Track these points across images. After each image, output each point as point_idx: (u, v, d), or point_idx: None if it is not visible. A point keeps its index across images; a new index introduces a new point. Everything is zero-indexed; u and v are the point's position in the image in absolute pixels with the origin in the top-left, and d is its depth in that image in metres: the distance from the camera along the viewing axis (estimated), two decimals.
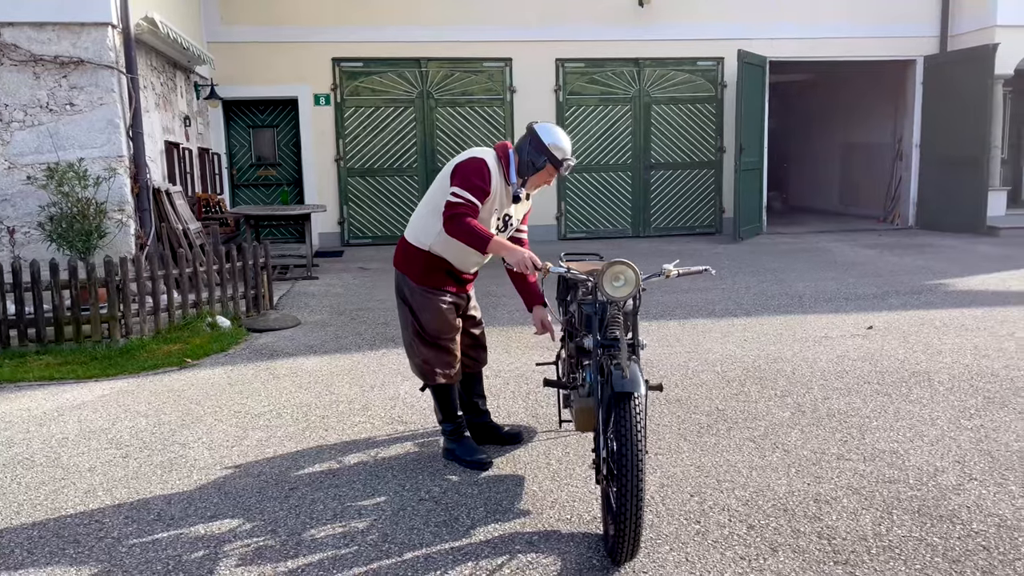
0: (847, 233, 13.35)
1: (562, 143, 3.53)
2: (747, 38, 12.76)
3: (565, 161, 3.53)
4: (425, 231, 3.68)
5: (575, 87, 12.96)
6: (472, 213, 3.43)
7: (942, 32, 13.36)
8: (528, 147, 3.55)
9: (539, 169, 3.54)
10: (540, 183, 3.64)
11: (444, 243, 3.64)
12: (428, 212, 3.68)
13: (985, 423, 4.21)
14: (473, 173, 3.48)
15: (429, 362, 3.73)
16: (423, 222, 3.71)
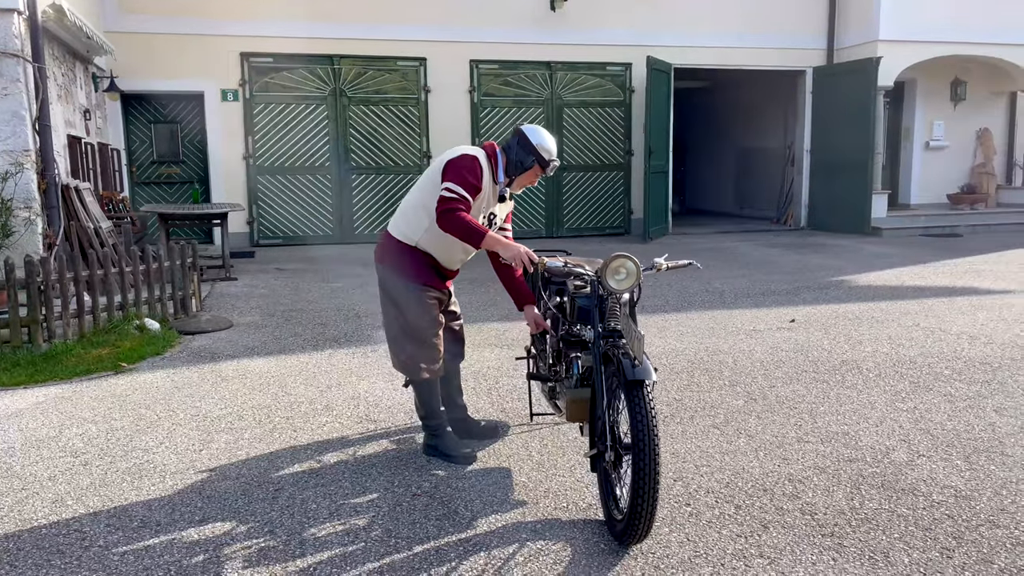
0: (747, 233, 14.04)
1: (548, 144, 3.62)
2: (653, 45, 13.22)
3: (551, 162, 3.63)
4: (412, 227, 3.70)
5: (489, 88, 13.07)
6: (466, 208, 3.46)
7: (829, 45, 14.25)
8: (516, 147, 3.62)
9: (527, 169, 3.61)
10: (525, 183, 3.71)
11: (431, 239, 3.67)
12: (415, 208, 3.69)
13: (917, 406, 4.58)
14: (467, 169, 3.51)
15: (414, 358, 3.74)
16: (409, 218, 3.72)
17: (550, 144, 3.63)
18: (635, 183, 13.73)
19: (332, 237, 12.80)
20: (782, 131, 15.77)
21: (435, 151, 12.90)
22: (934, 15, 13.43)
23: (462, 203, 3.45)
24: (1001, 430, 4.16)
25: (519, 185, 3.71)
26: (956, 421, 4.31)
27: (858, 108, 13.30)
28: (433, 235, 3.64)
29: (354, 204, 12.85)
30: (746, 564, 2.83)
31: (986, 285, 8.62)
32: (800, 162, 14.71)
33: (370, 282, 8.99)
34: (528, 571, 2.81)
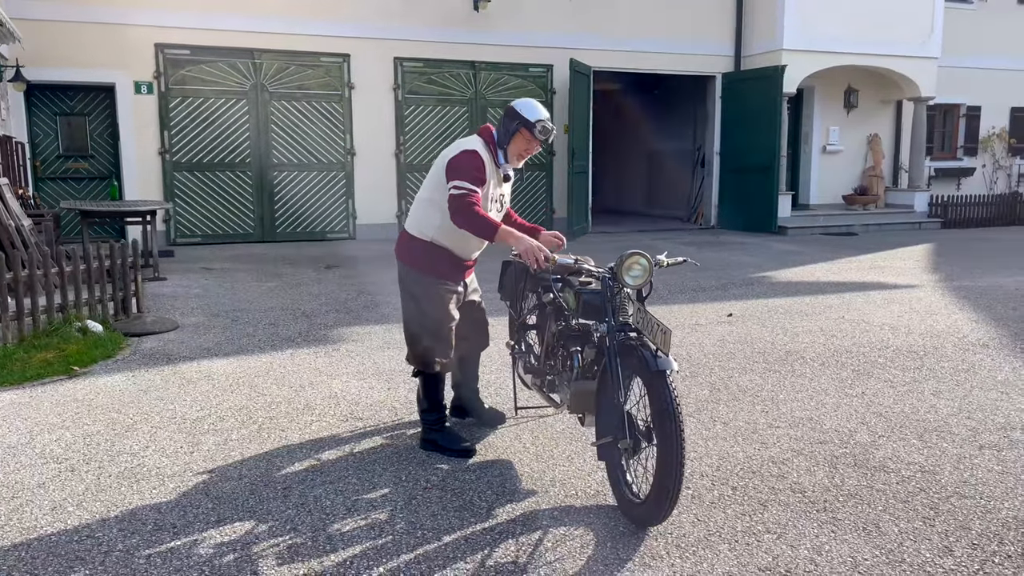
0: (662, 232, 14.58)
1: (534, 107, 3.69)
2: (574, 48, 13.54)
3: (538, 122, 3.65)
4: (424, 223, 3.83)
5: (414, 86, 13.06)
6: (476, 201, 3.58)
7: (737, 52, 14.96)
8: (504, 118, 3.75)
9: (513, 135, 3.70)
10: (520, 150, 3.76)
11: (444, 233, 3.79)
12: (425, 204, 3.82)
13: (864, 391, 4.97)
14: (468, 165, 3.63)
15: (430, 350, 3.85)
16: (420, 214, 3.84)
17: (536, 107, 3.69)
18: (557, 182, 14.02)
19: (253, 236, 12.51)
20: (691, 134, 16.42)
21: (360, 148, 12.81)
22: (832, 28, 14.30)
23: (472, 195, 3.57)
24: (943, 411, 4.58)
25: (515, 156, 3.77)
26: (902, 404, 4.70)
27: (765, 113, 14.02)
28: (446, 229, 3.76)
29: (276, 202, 12.60)
30: (758, 540, 3.06)
31: (892, 280, 9.30)
32: (710, 164, 15.37)
33: (304, 281, 8.90)
34: (559, 555, 2.94)
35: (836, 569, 2.84)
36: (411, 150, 13.17)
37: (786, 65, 13.81)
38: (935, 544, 3.02)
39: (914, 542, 3.04)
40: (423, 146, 13.21)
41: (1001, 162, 17.91)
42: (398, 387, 4.99)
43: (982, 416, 4.49)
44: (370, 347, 6.01)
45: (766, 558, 2.92)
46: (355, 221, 13.01)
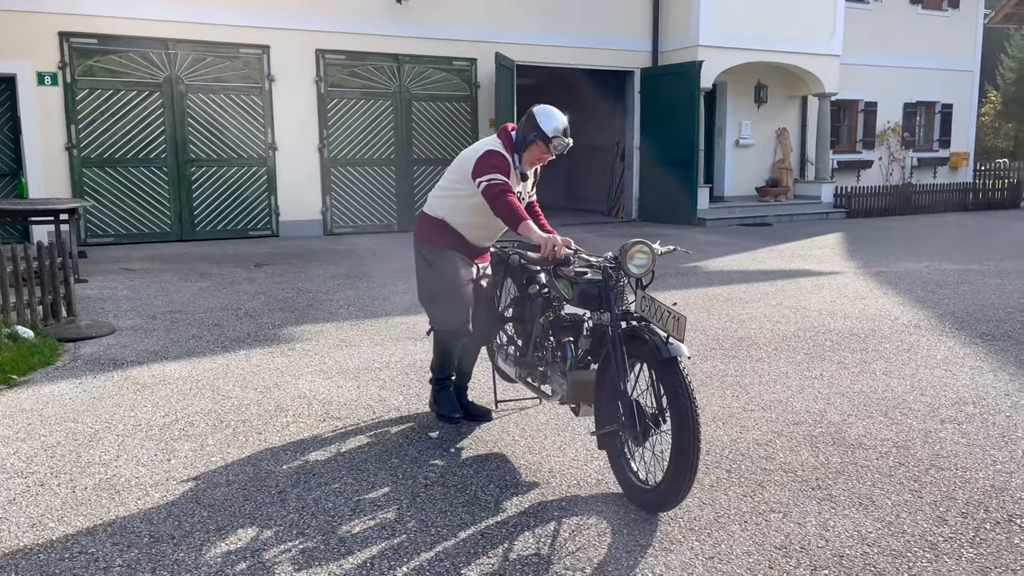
0: (587, 225, 14.77)
1: (553, 122, 3.76)
2: (497, 41, 13.55)
3: (555, 139, 3.74)
4: (439, 209, 4.06)
5: (336, 79, 12.78)
6: (509, 188, 3.73)
7: (654, 48, 15.29)
8: (523, 125, 3.82)
9: (529, 144, 3.77)
10: (533, 159, 3.86)
11: (457, 217, 4.01)
12: (444, 190, 4.06)
13: (822, 373, 5.17)
14: (492, 164, 3.77)
15: (449, 311, 4.00)
16: (438, 199, 4.08)
17: (555, 122, 3.76)
18: None
19: (171, 234, 11.99)
20: (611, 128, 16.69)
21: (282, 143, 12.45)
22: (744, 25, 14.80)
23: (505, 184, 3.73)
24: (898, 389, 4.82)
25: (527, 162, 3.87)
26: (859, 384, 4.92)
27: (683, 108, 14.38)
28: (460, 213, 3.98)
29: (194, 199, 12.11)
30: (765, 519, 3.14)
31: (815, 268, 9.72)
32: (630, 158, 15.66)
33: (237, 280, 8.61)
34: (579, 544, 2.94)
35: (845, 543, 2.95)
36: (335, 144, 12.89)
37: (703, 61, 14.20)
38: (928, 514, 3.18)
39: (909, 513, 3.19)
40: (348, 140, 12.95)
41: (895, 154, 18.96)
42: (367, 385, 4.89)
43: (934, 392, 4.75)
44: (326, 345, 5.85)
45: (778, 536, 3.00)
46: (278, 218, 12.64)
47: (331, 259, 10.32)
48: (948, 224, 15.41)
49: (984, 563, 2.80)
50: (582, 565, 2.80)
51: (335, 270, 9.41)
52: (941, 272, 9.27)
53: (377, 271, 9.33)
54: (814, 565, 2.79)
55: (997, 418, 4.30)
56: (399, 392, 4.75)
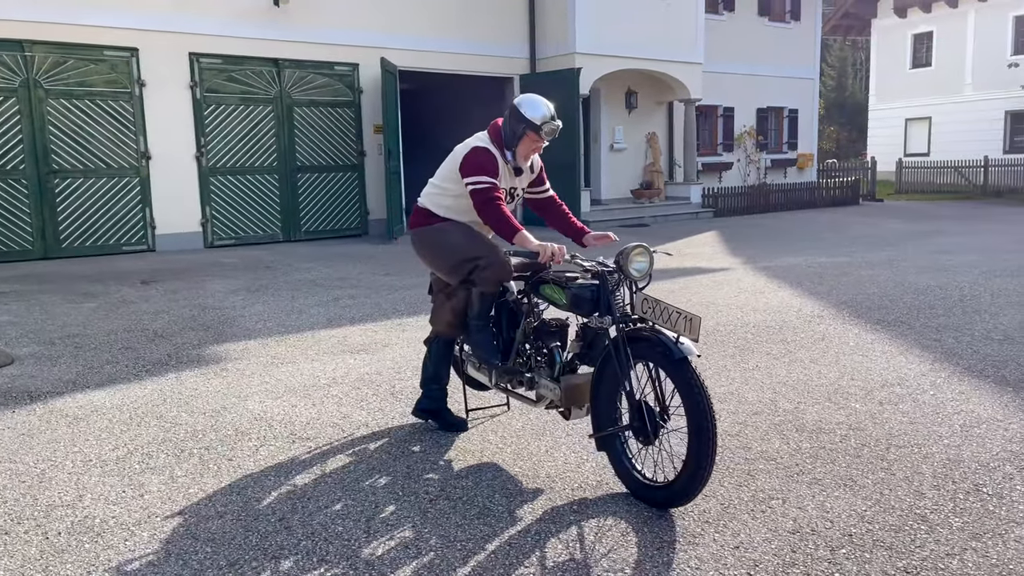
0: None
1: (539, 109, 3.70)
2: (379, 47, 13.38)
3: (544, 124, 3.68)
4: (437, 204, 4.00)
5: (213, 84, 12.20)
6: (498, 193, 3.68)
7: (532, 55, 15.57)
8: (508, 119, 3.75)
9: (520, 137, 3.73)
10: (527, 151, 3.81)
11: (453, 215, 3.93)
12: (437, 190, 3.98)
13: (758, 364, 5.47)
14: (481, 161, 3.70)
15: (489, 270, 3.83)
16: (433, 199, 4.00)
17: (541, 107, 3.70)
18: (370, 184, 13.78)
19: (33, 252, 11.05)
20: None
21: (155, 152, 11.75)
22: (617, 34, 15.35)
23: (493, 189, 3.67)
24: (829, 376, 5.17)
25: (522, 156, 3.82)
26: (794, 373, 5.25)
27: (565, 113, 14.68)
28: (461, 212, 3.91)
29: (59, 213, 11.21)
30: (769, 507, 3.30)
31: (705, 265, 10.22)
32: None
33: (128, 299, 8.07)
34: (609, 546, 2.99)
35: (848, 522, 3.15)
36: (214, 152, 12.29)
37: (581, 68, 14.60)
38: (907, 490, 3.44)
39: (890, 490, 3.44)
40: (227, 148, 12.39)
41: (752, 157, 20.23)
42: (323, 403, 4.72)
43: (861, 377, 5.13)
44: (260, 364, 5.60)
45: (787, 522, 3.16)
46: (154, 231, 11.91)
47: (223, 273, 9.84)
48: (804, 221, 16.60)
49: (973, 530, 3.07)
50: (619, 566, 2.84)
51: (233, 284, 8.99)
52: (818, 265, 9.99)
53: (279, 284, 8.99)
54: (831, 547, 2.96)
55: (924, 397, 4.71)
56: (359, 408, 4.62)
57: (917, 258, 10.51)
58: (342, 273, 9.75)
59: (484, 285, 3.88)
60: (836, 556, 2.89)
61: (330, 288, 8.67)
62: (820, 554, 2.90)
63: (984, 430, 4.14)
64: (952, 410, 4.46)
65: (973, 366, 5.33)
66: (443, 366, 4.23)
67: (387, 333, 6.50)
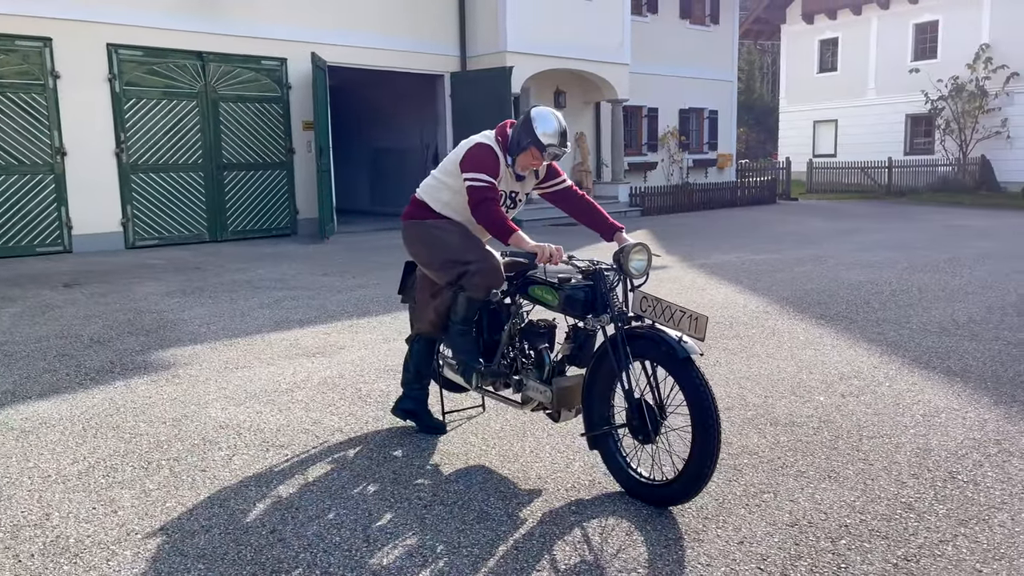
0: None
1: (550, 129, 3.60)
2: (308, 41, 13.06)
3: (549, 147, 3.61)
4: (435, 197, 3.89)
5: (133, 78, 11.66)
6: (495, 194, 3.59)
7: (462, 53, 15.49)
8: (519, 127, 3.67)
9: (523, 150, 3.64)
10: (526, 164, 3.72)
11: (451, 212, 3.84)
12: (438, 183, 3.89)
13: (718, 360, 5.56)
14: (483, 158, 3.65)
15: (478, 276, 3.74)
16: (435, 194, 3.90)
17: (553, 129, 3.60)
18: (299, 182, 13.43)
19: None
20: (418, 131, 16.66)
21: (71, 147, 11.15)
22: (547, 33, 15.43)
23: (491, 189, 3.59)
24: (788, 370, 5.31)
25: (521, 166, 3.73)
26: (755, 368, 5.36)
27: (496, 112, 14.68)
28: (453, 208, 3.83)
29: None
30: (763, 500, 3.35)
31: None
32: None
33: (54, 304, 7.65)
34: (617, 545, 2.97)
35: (841, 513, 3.22)
36: (136, 148, 11.76)
37: (513, 66, 14.60)
38: (888, 479, 3.55)
39: (872, 480, 3.54)
40: (149, 144, 11.87)
41: (675, 156, 20.66)
42: (289, 409, 4.55)
43: (819, 370, 5.29)
44: (213, 369, 5.37)
45: (783, 515, 3.22)
46: (71, 232, 11.31)
47: (151, 275, 9.42)
48: (728, 219, 17.06)
49: (958, 517, 3.19)
50: (632, 566, 2.83)
51: (164, 287, 8.61)
52: (752, 262, 10.27)
53: (214, 286, 8.66)
54: (831, 538, 3.02)
55: (882, 388, 4.88)
56: (329, 413, 4.48)
57: (842, 255, 10.93)
58: (278, 274, 9.47)
59: (473, 291, 3.79)
60: (838, 547, 2.95)
61: (269, 290, 8.41)
62: (822, 546, 2.96)
63: (944, 419, 4.32)
64: (910, 400, 4.64)
65: (919, 358, 5.56)
66: (425, 365, 4.14)
67: (339, 335, 6.34)
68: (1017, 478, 3.54)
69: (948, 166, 24.81)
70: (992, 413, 4.40)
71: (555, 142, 3.61)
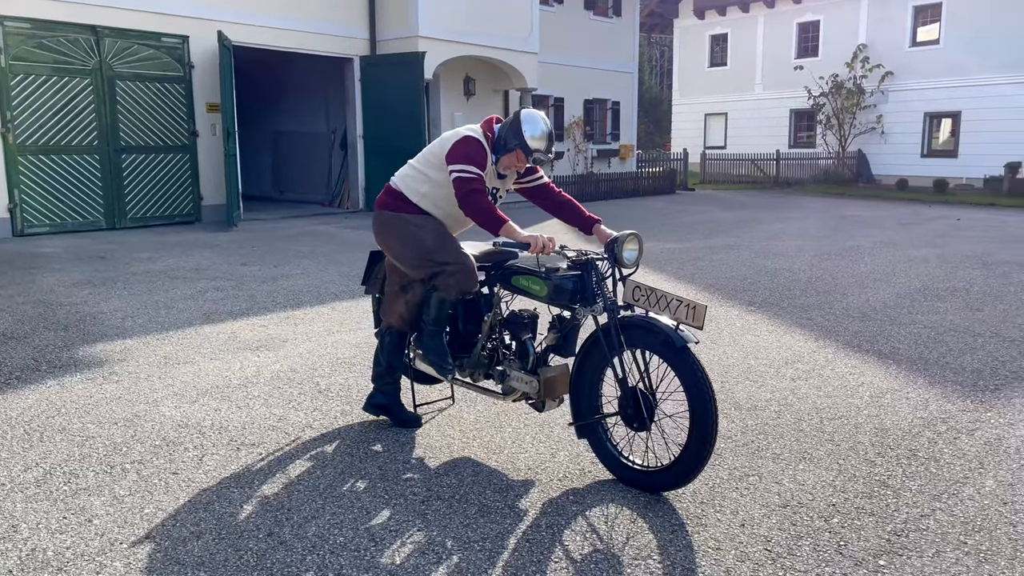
0: (317, 217, 14.26)
1: (538, 133, 3.56)
2: (210, 19, 12.48)
3: (535, 152, 3.59)
4: (413, 186, 3.78)
5: (21, 52, 10.81)
6: (482, 185, 3.51)
7: (372, 36, 15.14)
8: (507, 127, 3.62)
9: (509, 151, 3.59)
10: (509, 165, 3.67)
11: (429, 203, 3.73)
12: (415, 173, 3.79)
13: None
14: (471, 151, 3.55)
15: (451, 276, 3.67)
16: (411, 180, 3.79)
17: (541, 134, 3.57)
18: (204, 166, 12.83)
19: None
20: (324, 116, 16.22)
21: None
22: (457, 20, 15.29)
23: (479, 181, 3.51)
24: (734, 356, 5.49)
25: (504, 166, 3.67)
26: (703, 354, 5.48)
27: (408, 98, 14.48)
28: (430, 200, 3.72)
29: None
30: (749, 483, 3.46)
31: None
32: (354, 147, 15.37)
33: None
34: (626, 533, 2.99)
35: (824, 492, 3.36)
36: (24, 129, 10.92)
37: (425, 52, 14.41)
38: (858, 459, 3.73)
39: (844, 460, 3.72)
40: (39, 124, 11.05)
41: (580, 146, 20.95)
42: (249, 405, 4.36)
43: (763, 355, 5.49)
44: (151, 364, 5.07)
45: (773, 496, 3.33)
46: None
47: (50, 265, 8.80)
48: (634, 208, 17.45)
49: (931, 492, 3.38)
50: (645, 553, 2.86)
51: (70, 277, 8.06)
52: (669, 251, 10.55)
53: (126, 276, 8.17)
54: (823, 516, 3.15)
55: (826, 372, 5.12)
56: (292, 409, 4.31)
57: (751, 243, 11.38)
58: (192, 263, 9.02)
59: (446, 291, 3.73)
60: (832, 526, 3.08)
61: (188, 280, 8.00)
62: (817, 525, 3.08)
63: (890, 400, 4.57)
64: (855, 383, 4.89)
65: (851, 341, 5.86)
66: (397, 359, 4.04)
67: (278, 328, 6.11)
68: (971, 453, 3.79)
69: (829, 159, 26.22)
70: (930, 393, 4.69)
71: (542, 147, 3.60)
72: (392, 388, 4.05)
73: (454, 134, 3.67)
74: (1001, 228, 13.58)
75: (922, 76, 24.35)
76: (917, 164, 24.70)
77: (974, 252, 10.49)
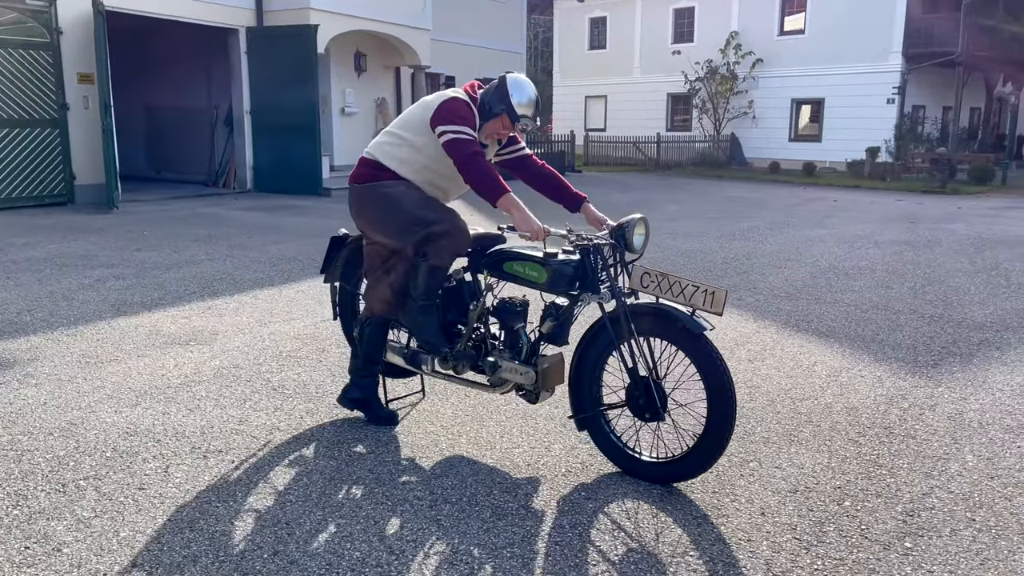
0: (204, 198, 13.43)
1: (525, 99, 3.38)
2: None
3: (523, 118, 3.40)
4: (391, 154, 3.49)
5: None
6: (481, 148, 3.30)
7: (258, 6, 14.29)
8: (493, 92, 3.41)
9: (494, 116, 3.39)
10: (492, 132, 3.45)
11: (409, 170, 3.47)
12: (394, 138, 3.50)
13: None
14: (461, 111, 3.31)
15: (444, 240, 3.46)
16: (389, 151, 3.50)
17: (528, 100, 3.39)
18: (76, 143, 11.76)
19: None
20: (205, 90, 15.26)
21: None
22: None
23: (475, 142, 3.29)
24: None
25: (487, 133, 3.45)
26: None
27: (300, 73, 13.80)
28: (414, 169, 3.48)
29: None
30: (754, 470, 3.43)
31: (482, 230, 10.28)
32: (240, 123, 14.52)
33: None
34: (653, 528, 2.89)
35: (826, 475, 3.38)
36: None
37: (319, 25, 13.76)
38: (843, 440, 3.78)
39: (831, 441, 3.76)
40: None
41: None
42: (199, 407, 3.96)
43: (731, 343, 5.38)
44: (73, 365, 4.55)
45: (780, 483, 3.31)
46: None
47: None
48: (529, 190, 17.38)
49: (922, 470, 3.46)
50: (680, 549, 2.77)
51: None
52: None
53: (5, 264, 7.35)
54: (835, 500, 3.16)
55: (777, 351, 5.21)
56: (250, 409, 3.95)
57: (655, 224, 11.54)
58: (79, 250, 8.23)
59: (437, 256, 3.49)
60: (846, 509, 3.09)
61: (81, 268, 7.28)
62: (832, 509, 3.09)
63: (847, 378, 4.69)
64: (808, 362, 5.00)
65: (789, 321, 6.01)
66: (377, 351, 3.76)
67: (202, 319, 5.64)
68: (941, 429, 3.93)
69: (705, 142, 27.17)
70: (880, 370, 4.85)
71: (529, 113, 3.43)
72: (370, 382, 3.78)
73: (438, 96, 3.41)
74: (872, 209, 14.45)
75: (789, 64, 25.59)
76: (785, 148, 25.99)
77: (862, 232, 11.08)
